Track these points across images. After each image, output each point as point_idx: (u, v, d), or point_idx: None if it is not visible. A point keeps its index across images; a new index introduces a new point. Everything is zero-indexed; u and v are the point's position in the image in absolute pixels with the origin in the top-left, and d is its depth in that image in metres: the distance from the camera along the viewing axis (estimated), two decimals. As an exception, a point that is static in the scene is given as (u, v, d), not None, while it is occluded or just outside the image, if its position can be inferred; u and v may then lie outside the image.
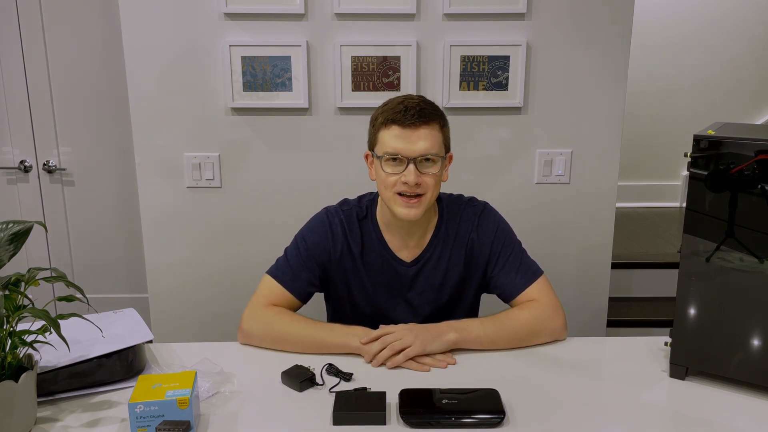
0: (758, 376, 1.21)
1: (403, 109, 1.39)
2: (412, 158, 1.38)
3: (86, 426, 1.14)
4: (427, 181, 1.40)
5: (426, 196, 1.41)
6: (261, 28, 2.12)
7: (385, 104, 1.45)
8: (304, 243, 1.53)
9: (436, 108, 1.44)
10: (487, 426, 1.12)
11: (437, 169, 1.42)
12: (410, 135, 1.38)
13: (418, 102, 1.41)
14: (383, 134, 1.41)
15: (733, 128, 1.25)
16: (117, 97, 2.72)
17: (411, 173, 1.38)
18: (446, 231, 1.55)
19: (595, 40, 2.15)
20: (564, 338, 1.47)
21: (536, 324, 1.44)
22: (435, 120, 1.41)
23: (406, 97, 1.44)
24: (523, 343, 1.43)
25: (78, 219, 2.89)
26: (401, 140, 1.38)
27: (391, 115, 1.40)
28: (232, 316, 1.61)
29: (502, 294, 1.53)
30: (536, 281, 1.50)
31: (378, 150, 1.43)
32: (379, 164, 1.43)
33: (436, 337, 1.36)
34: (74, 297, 1.15)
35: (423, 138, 1.38)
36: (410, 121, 1.38)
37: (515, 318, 1.44)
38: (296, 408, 1.19)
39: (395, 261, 1.53)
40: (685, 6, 3.84)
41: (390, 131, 1.40)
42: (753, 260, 1.18)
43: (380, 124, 1.42)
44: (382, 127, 1.42)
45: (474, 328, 1.40)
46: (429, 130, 1.39)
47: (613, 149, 2.24)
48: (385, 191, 1.44)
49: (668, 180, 4.07)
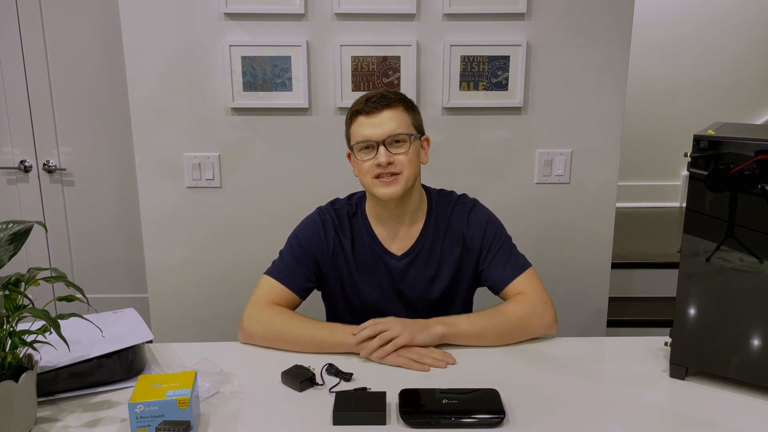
0: (758, 376, 1.21)
1: (365, 100, 1.48)
2: (381, 140, 1.44)
3: (86, 426, 1.14)
4: (400, 159, 1.45)
5: (403, 174, 1.46)
6: (261, 28, 2.12)
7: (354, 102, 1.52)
8: (297, 240, 1.56)
9: (400, 94, 1.51)
10: (487, 426, 1.12)
11: (407, 148, 1.46)
12: (374, 120, 1.45)
13: (380, 91, 1.50)
14: (353, 128, 1.49)
15: (733, 128, 1.25)
16: (117, 97, 2.72)
17: (382, 154, 1.44)
18: (436, 224, 1.56)
19: (595, 40, 2.15)
20: (555, 332, 1.47)
21: (525, 318, 1.44)
22: (398, 103, 1.48)
23: (370, 91, 1.53)
24: (513, 338, 1.44)
25: (78, 219, 2.89)
26: (367, 127, 1.46)
27: (356, 107, 1.49)
28: (232, 316, 1.61)
29: (492, 286, 1.55)
30: (524, 273, 1.51)
31: (351, 142, 1.50)
32: (355, 154, 1.49)
33: (424, 329, 1.38)
34: (74, 297, 1.15)
35: (387, 120, 1.45)
36: (372, 107, 1.46)
37: (503, 312, 1.45)
38: (296, 408, 1.19)
39: (386, 254, 1.55)
40: (685, 6, 3.84)
41: (357, 122, 1.48)
42: (753, 260, 1.18)
43: (349, 120, 1.51)
44: (351, 122, 1.50)
45: (461, 323, 1.42)
46: (393, 112, 1.46)
47: (613, 149, 2.24)
48: (364, 178, 1.49)
49: (668, 180, 4.07)
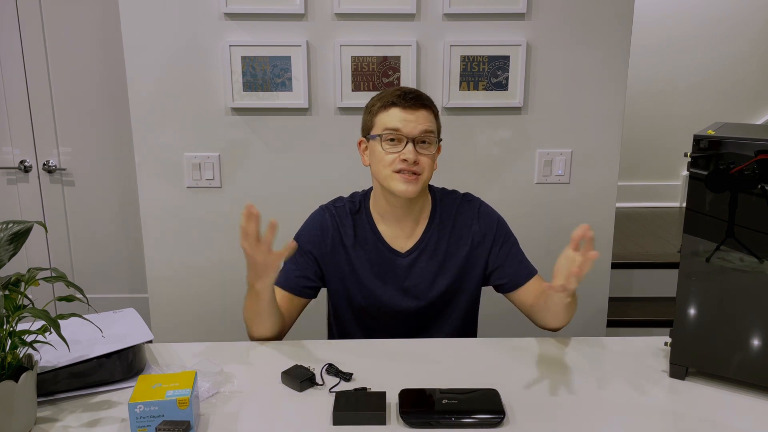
0: (758, 376, 1.21)
1: (402, 93, 1.45)
2: (412, 137, 1.43)
3: (86, 426, 1.14)
4: (424, 161, 1.45)
5: (423, 175, 1.45)
6: (261, 28, 2.12)
7: (381, 93, 1.50)
8: (296, 241, 1.54)
9: (430, 99, 1.51)
10: (487, 426, 1.12)
11: (433, 150, 1.47)
12: (410, 116, 1.44)
13: (413, 89, 1.48)
14: (382, 116, 1.46)
15: (733, 128, 1.25)
16: (117, 97, 2.72)
17: (410, 151, 1.42)
18: (441, 221, 1.56)
19: (595, 40, 2.15)
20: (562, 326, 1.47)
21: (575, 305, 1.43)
22: (431, 107, 1.49)
23: (399, 87, 1.52)
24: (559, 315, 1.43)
25: (78, 219, 2.89)
26: (401, 120, 1.43)
27: (391, 98, 1.45)
28: (232, 316, 1.61)
29: (505, 284, 1.55)
30: (537, 276, 1.55)
31: (376, 130, 1.47)
32: (378, 144, 1.46)
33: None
34: (74, 297, 1.15)
35: (422, 119, 1.44)
36: (410, 103, 1.44)
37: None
38: (296, 408, 1.19)
39: (390, 252, 1.55)
40: (685, 6, 3.85)
41: (389, 113, 1.45)
42: (753, 260, 1.18)
43: (378, 109, 1.47)
44: (381, 110, 1.46)
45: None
46: (427, 114, 1.46)
47: (613, 149, 2.24)
48: (383, 170, 1.46)
49: (668, 180, 4.07)
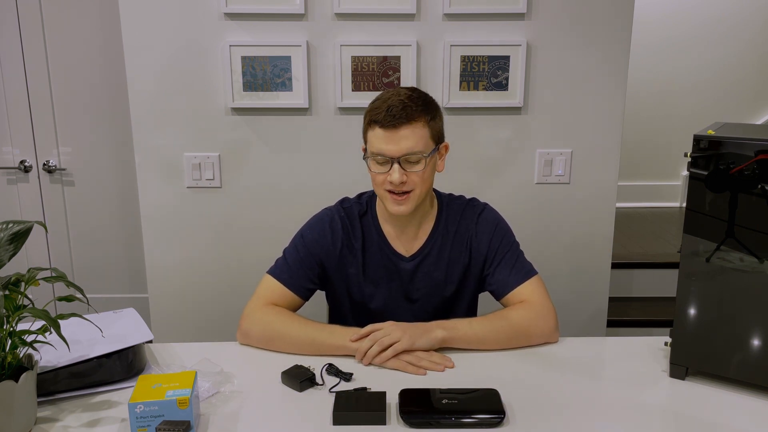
0: (758, 376, 1.21)
1: (386, 109, 1.38)
2: (396, 158, 1.39)
3: (86, 426, 1.14)
4: (413, 179, 1.41)
5: (414, 192, 1.43)
6: (261, 28, 2.12)
7: (374, 101, 1.45)
8: (302, 241, 1.54)
9: (424, 102, 1.42)
10: (487, 426, 1.12)
11: (422, 167, 1.41)
12: (392, 136, 1.38)
13: (403, 99, 1.40)
14: (370, 134, 1.43)
15: (733, 128, 1.25)
16: (117, 97, 2.72)
17: (396, 172, 1.39)
18: (446, 227, 1.55)
19: (595, 40, 2.15)
20: (556, 341, 1.45)
21: (526, 325, 1.42)
22: (419, 116, 1.40)
23: (394, 93, 1.42)
24: (513, 344, 1.42)
25: (78, 219, 2.89)
26: (384, 141, 1.39)
27: (374, 116, 1.40)
28: (232, 316, 1.61)
29: (495, 291, 1.53)
30: (529, 280, 1.50)
31: (368, 147, 1.45)
32: (370, 162, 1.45)
33: (424, 333, 1.36)
34: (74, 297, 1.15)
35: (405, 138, 1.38)
36: (391, 122, 1.38)
37: (505, 318, 1.43)
38: (296, 408, 1.19)
39: (394, 255, 1.54)
40: (685, 6, 3.84)
41: (374, 132, 1.41)
42: (753, 260, 1.18)
43: (367, 124, 1.45)
44: (368, 127, 1.44)
45: (462, 327, 1.40)
46: (411, 129, 1.39)
47: (613, 149, 2.24)
48: (377, 188, 1.47)
49: (668, 180, 4.07)
